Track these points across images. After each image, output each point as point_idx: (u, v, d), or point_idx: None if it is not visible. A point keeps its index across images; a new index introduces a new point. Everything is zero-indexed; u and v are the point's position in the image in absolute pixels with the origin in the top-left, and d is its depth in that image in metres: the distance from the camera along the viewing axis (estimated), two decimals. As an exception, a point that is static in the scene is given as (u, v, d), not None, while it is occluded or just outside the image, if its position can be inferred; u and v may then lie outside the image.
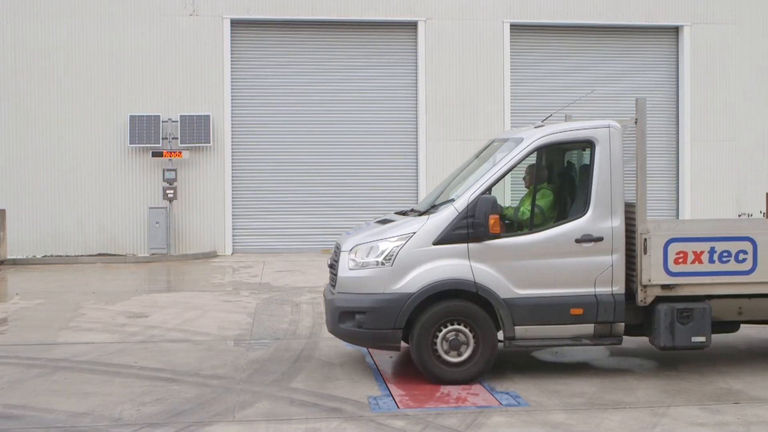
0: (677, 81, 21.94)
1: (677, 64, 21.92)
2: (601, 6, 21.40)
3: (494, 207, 8.26)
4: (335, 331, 8.64)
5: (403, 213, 9.03)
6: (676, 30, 21.88)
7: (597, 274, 8.45)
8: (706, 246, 8.55)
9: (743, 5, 21.83)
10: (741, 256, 8.55)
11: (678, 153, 21.96)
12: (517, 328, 8.35)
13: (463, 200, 8.41)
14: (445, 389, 8.24)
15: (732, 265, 8.57)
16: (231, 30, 20.65)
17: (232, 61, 20.70)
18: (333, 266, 8.83)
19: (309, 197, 20.92)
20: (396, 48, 21.31)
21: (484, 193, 8.40)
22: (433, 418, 7.33)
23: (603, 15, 21.43)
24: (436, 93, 21.03)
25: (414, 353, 8.35)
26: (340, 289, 8.55)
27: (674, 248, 8.50)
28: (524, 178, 9.24)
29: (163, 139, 20.29)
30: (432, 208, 8.67)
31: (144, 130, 20.15)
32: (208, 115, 20.43)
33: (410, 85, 21.26)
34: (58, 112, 20.27)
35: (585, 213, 8.52)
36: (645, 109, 8.72)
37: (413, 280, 8.25)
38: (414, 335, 8.31)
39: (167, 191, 19.98)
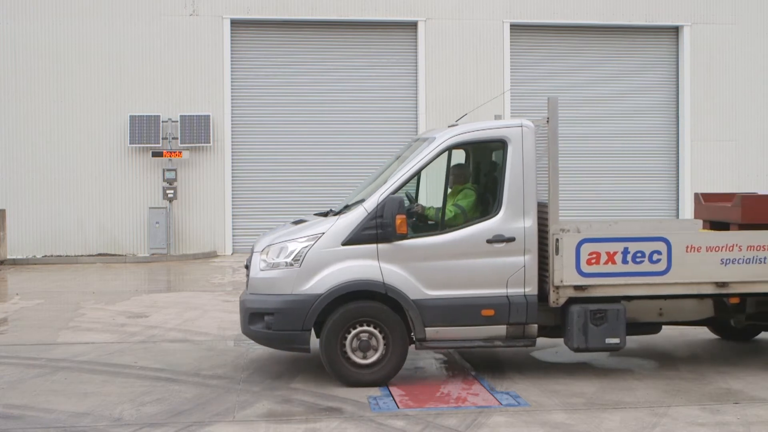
0: (677, 81, 21.94)
1: (677, 64, 21.92)
2: (601, 6, 21.40)
3: (401, 207, 8.15)
4: (246, 332, 8.57)
5: (323, 214, 8.88)
6: (676, 30, 21.88)
7: (509, 274, 8.35)
8: (619, 246, 8.38)
9: (743, 5, 21.83)
10: (655, 257, 8.39)
11: (678, 153, 21.97)
12: (427, 329, 8.23)
13: (372, 201, 8.32)
14: (445, 389, 8.24)
15: (646, 266, 8.39)
16: (231, 30, 20.65)
17: (232, 61, 20.70)
18: (248, 267, 8.73)
19: (309, 197, 20.87)
20: (396, 48, 21.31)
21: (393, 193, 8.32)
22: (433, 418, 7.33)
23: (603, 15, 21.43)
24: (436, 93, 21.03)
25: (323, 355, 8.25)
26: (252, 290, 8.49)
27: (587, 249, 8.34)
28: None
29: (163, 139, 20.30)
30: (345, 209, 8.58)
31: (144, 130, 20.15)
32: (208, 115, 20.43)
33: (410, 85, 21.26)
34: (58, 112, 20.28)
35: (497, 213, 8.43)
36: (557, 108, 8.57)
37: (321, 281, 8.17)
38: (322, 336, 8.23)
39: (167, 191, 19.98)
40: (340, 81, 21.14)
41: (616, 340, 8.37)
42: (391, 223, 8.12)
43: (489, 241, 8.34)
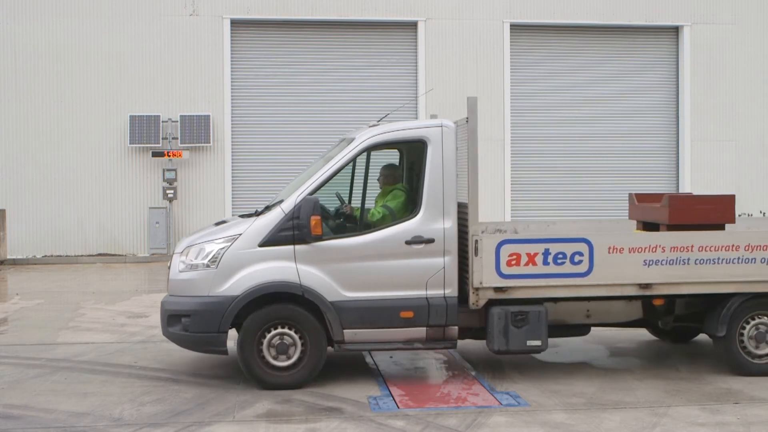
0: (677, 81, 21.94)
1: (677, 64, 21.93)
2: (601, 6, 21.40)
3: (315, 208, 8.05)
4: (166, 334, 8.51)
5: (248, 216, 8.75)
6: (676, 30, 21.88)
7: (428, 276, 8.24)
8: (540, 248, 8.25)
9: (743, 5, 21.84)
10: (577, 258, 8.26)
11: (678, 153, 21.97)
12: (346, 331, 8.15)
13: (290, 201, 8.26)
14: (445, 389, 8.24)
15: (567, 267, 8.26)
16: (231, 30, 20.66)
17: (232, 61, 20.71)
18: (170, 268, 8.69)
19: (309, 197, 20.89)
20: (396, 48, 21.31)
21: (312, 193, 8.26)
22: (433, 418, 7.33)
23: (603, 15, 21.43)
24: (436, 93, 20.98)
25: (239, 357, 8.19)
26: (171, 291, 8.45)
27: (507, 250, 8.21)
28: (378, 179, 9.05)
29: (163, 139, 20.30)
30: (266, 209, 8.51)
31: (144, 130, 20.16)
32: (208, 115, 20.43)
33: (410, 85, 21.26)
34: (58, 112, 20.28)
35: (416, 214, 8.32)
36: (476, 108, 8.45)
37: (237, 283, 8.10)
38: (239, 338, 8.18)
39: (167, 191, 19.99)
40: (340, 81, 21.14)
41: (538, 342, 8.26)
42: (306, 224, 8.06)
43: (408, 243, 8.24)
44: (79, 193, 20.28)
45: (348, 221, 8.66)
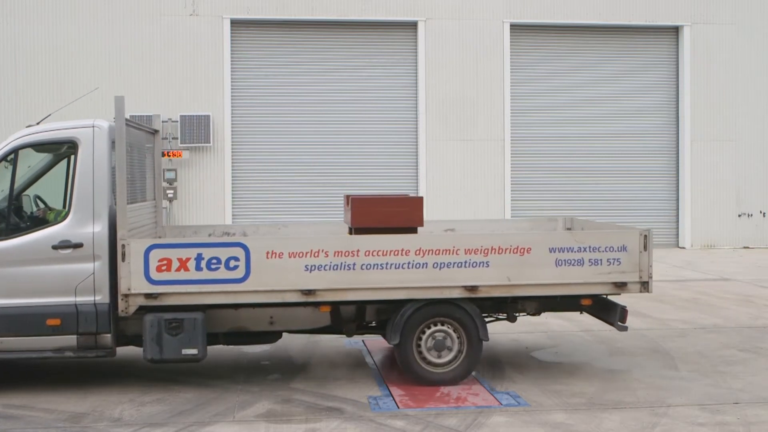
0: (677, 81, 21.94)
1: (677, 64, 21.92)
2: (601, 6, 21.40)
3: None
4: None
5: None
6: (676, 30, 21.89)
7: (77, 282, 7.98)
8: (192, 252, 7.95)
9: (743, 5, 21.84)
10: (232, 263, 7.97)
11: (678, 153, 21.97)
12: None
13: None
14: (445, 389, 8.24)
15: (222, 273, 7.96)
16: (231, 30, 20.66)
17: (232, 61, 20.71)
18: None
19: (309, 197, 20.93)
20: (396, 48, 21.31)
21: None
22: (433, 418, 7.33)
23: (603, 15, 21.43)
24: (436, 93, 21.03)
25: None
26: None
27: (156, 255, 7.91)
28: None
29: (163, 138, 20.29)
30: None
31: (144, 130, 20.14)
32: (208, 115, 20.43)
33: (410, 85, 21.27)
34: (58, 112, 20.22)
35: (66, 218, 8.11)
36: (123, 108, 8.28)
37: None
38: None
39: (167, 191, 20.00)
40: (340, 81, 21.14)
41: (194, 351, 7.97)
42: None
43: (55, 247, 7.99)
44: (79, 193, 20.25)
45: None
